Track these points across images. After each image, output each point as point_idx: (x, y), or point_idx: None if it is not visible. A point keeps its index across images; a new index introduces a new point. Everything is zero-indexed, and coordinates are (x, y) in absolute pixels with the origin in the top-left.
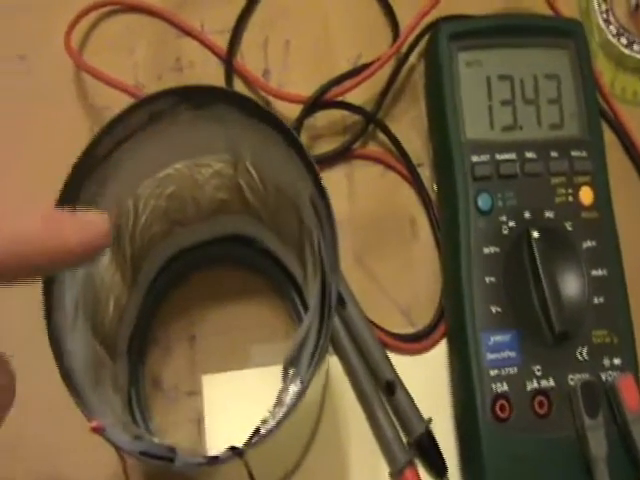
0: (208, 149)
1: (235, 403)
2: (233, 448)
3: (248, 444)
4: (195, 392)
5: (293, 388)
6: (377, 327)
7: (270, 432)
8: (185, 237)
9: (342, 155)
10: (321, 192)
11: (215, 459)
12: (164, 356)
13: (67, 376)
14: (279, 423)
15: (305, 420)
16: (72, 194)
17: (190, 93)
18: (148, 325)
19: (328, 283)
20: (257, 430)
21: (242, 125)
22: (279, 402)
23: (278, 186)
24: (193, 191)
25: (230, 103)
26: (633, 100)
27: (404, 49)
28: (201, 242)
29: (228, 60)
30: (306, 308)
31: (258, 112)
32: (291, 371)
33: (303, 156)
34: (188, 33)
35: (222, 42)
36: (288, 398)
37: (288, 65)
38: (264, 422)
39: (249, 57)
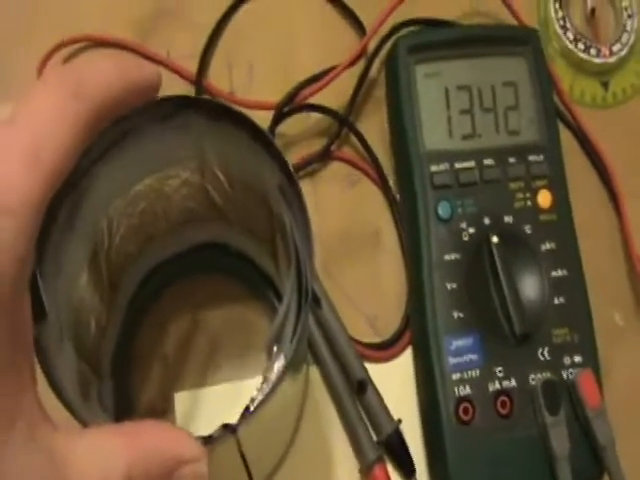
0: (175, 159)
1: (207, 418)
2: (225, 425)
3: (240, 420)
4: (168, 410)
5: (277, 365)
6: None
7: (259, 406)
8: (159, 251)
9: (319, 159)
10: (289, 177)
11: (209, 438)
12: (142, 374)
13: (58, 391)
14: (266, 397)
15: (288, 410)
16: (49, 219)
17: (155, 105)
18: (129, 344)
19: (303, 262)
20: (247, 408)
21: (207, 129)
22: (265, 379)
23: (246, 183)
24: (163, 204)
25: (193, 108)
26: (592, 103)
27: (368, 56)
28: (176, 254)
29: (198, 81)
30: None
31: (221, 112)
32: (275, 348)
33: (269, 146)
34: (155, 61)
35: (188, 67)
36: (273, 374)
37: (252, 86)
38: (252, 400)
39: (214, 80)
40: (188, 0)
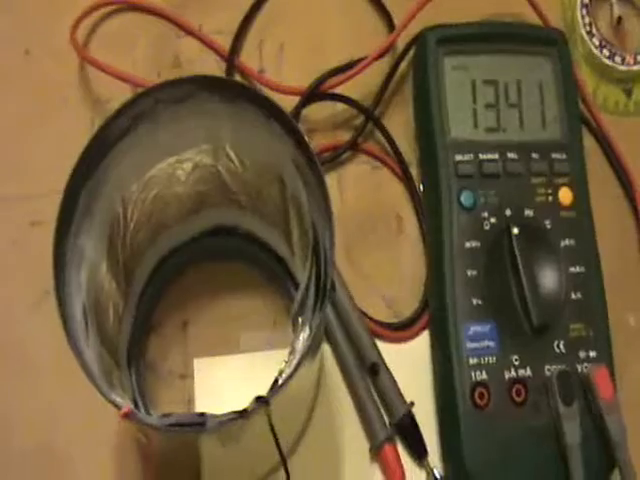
0: (189, 143)
1: (224, 385)
2: (258, 398)
3: (272, 392)
4: (187, 375)
5: (303, 335)
6: (364, 315)
7: (289, 377)
8: (170, 238)
9: (344, 151)
10: (306, 152)
11: (244, 412)
12: (159, 342)
13: (91, 376)
14: (296, 368)
15: (305, 389)
16: (71, 203)
17: (168, 89)
18: (144, 333)
19: (321, 236)
20: (276, 381)
21: (221, 109)
22: (292, 350)
23: (259, 161)
24: (175, 188)
25: (207, 89)
26: (614, 109)
27: (397, 53)
28: (187, 241)
29: (230, 58)
30: (296, 286)
31: (237, 92)
32: (300, 320)
33: (285, 123)
34: (188, 32)
35: (220, 43)
36: (300, 345)
37: (282, 66)
38: (281, 372)
39: (245, 59)
40: None
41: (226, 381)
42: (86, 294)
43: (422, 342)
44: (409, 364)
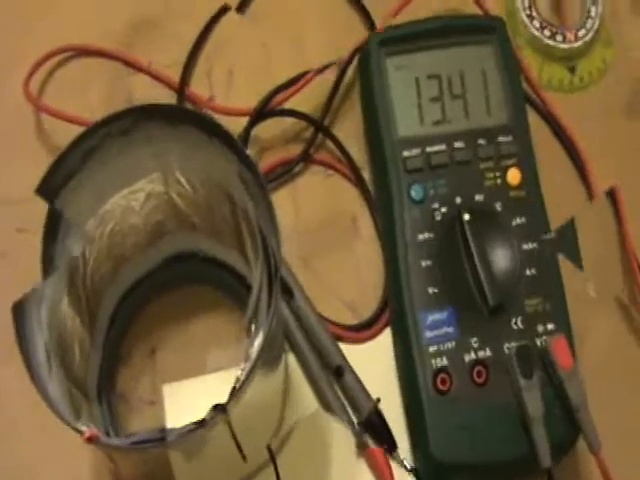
0: (139, 173)
1: (194, 407)
2: (216, 406)
3: (229, 399)
4: (156, 401)
5: (257, 341)
6: (326, 320)
7: (245, 382)
8: (131, 270)
9: (296, 163)
10: (248, 165)
11: (202, 422)
12: (129, 372)
13: (53, 407)
14: (250, 373)
15: (272, 401)
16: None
17: (115, 119)
18: (112, 365)
19: (269, 244)
20: (233, 389)
21: (167, 136)
22: (247, 358)
23: (208, 182)
24: (131, 220)
25: (154, 119)
26: (559, 87)
27: (342, 64)
28: (149, 272)
29: (180, 89)
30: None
31: (180, 115)
32: (253, 327)
33: (224, 137)
34: (138, 69)
35: (170, 76)
36: (254, 351)
37: (232, 91)
38: (237, 380)
39: (195, 87)
40: (171, 10)
41: (196, 402)
42: (48, 333)
43: (386, 339)
44: (375, 363)
